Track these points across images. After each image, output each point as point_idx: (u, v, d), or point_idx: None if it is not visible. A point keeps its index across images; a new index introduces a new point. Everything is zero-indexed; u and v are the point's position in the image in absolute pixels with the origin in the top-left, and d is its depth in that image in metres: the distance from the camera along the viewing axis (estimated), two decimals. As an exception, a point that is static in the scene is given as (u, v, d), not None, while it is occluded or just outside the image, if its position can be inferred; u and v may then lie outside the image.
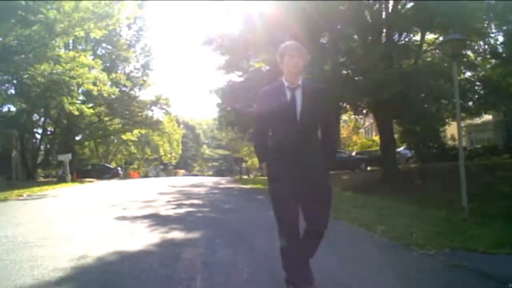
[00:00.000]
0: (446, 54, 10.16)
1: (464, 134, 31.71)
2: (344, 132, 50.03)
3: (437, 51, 17.37)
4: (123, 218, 7.66)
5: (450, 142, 26.53)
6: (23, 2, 16.71)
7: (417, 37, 18.38)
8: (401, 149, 28.19)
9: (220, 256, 4.85)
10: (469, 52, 17.89)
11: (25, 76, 18.19)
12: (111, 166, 43.70)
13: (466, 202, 9.67)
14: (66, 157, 25.69)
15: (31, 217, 8.42)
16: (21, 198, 12.72)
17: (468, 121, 27.70)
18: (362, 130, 55.14)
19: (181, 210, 9.01)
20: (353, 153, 33.79)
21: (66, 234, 6.16)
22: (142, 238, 5.73)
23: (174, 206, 9.74)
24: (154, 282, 3.76)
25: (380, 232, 6.57)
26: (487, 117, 27.10)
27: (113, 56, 40.09)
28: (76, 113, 24.35)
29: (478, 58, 18.55)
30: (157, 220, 7.44)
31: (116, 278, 3.85)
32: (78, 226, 7.03)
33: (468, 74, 19.60)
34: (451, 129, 27.17)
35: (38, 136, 40.51)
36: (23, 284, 3.60)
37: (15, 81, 22.97)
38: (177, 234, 6.07)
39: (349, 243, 6.08)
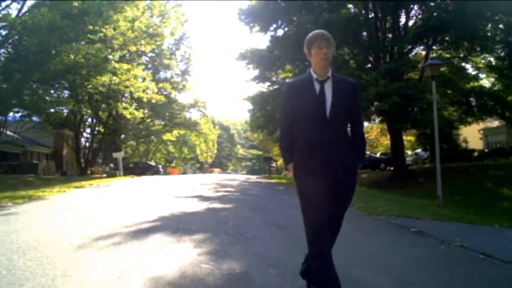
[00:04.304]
0: (427, 75, 12.76)
1: (481, 137, 33.52)
2: (372, 134, 52.12)
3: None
4: (179, 197, 10.88)
5: (463, 144, 28.58)
6: (91, 27, 20.33)
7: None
8: (418, 151, 30.43)
9: (244, 215, 7.83)
10: (468, 66, 20.36)
11: (89, 86, 21.95)
12: (153, 164, 47.32)
13: (441, 192, 12.28)
14: (120, 155, 29.49)
15: (117, 196, 11.75)
16: (93, 186, 16.11)
17: (484, 125, 29.58)
18: (390, 132, 56.69)
19: (219, 194, 12.18)
20: (378, 154, 36.15)
21: (147, 204, 9.40)
22: (194, 206, 8.84)
23: (213, 191, 12.98)
24: (206, 223, 6.78)
25: (356, 207, 9.37)
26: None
27: (156, 63, 44.02)
28: (129, 116, 28.09)
29: (476, 71, 20.90)
30: (202, 198, 10.59)
31: (184, 221, 6.89)
32: (151, 201, 10.26)
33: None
34: (465, 133, 29.17)
35: (88, 136, 44.72)
36: (131, 222, 6.68)
37: (66, 85, 26.97)
38: (216, 205, 9.14)
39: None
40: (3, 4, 22.37)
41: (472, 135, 31.19)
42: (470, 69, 20.94)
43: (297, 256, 4.59)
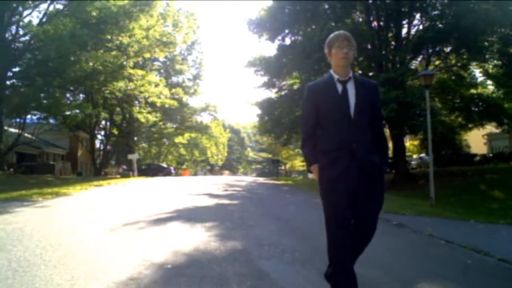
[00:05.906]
0: (421, 84, 13.74)
1: (485, 142, 34.21)
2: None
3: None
4: (192, 194, 12.07)
5: (466, 149, 29.36)
6: (109, 36, 21.67)
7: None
8: (422, 155, 31.25)
9: (248, 209, 8.90)
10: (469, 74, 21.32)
11: (107, 91, 23.30)
12: (165, 166, 48.54)
13: (433, 194, 13.13)
14: (134, 156, 30.88)
15: (134, 193, 12.92)
16: (111, 185, 17.29)
17: (489, 130, 30.28)
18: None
19: (227, 192, 13.33)
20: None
21: (163, 200, 10.56)
22: (205, 201, 9.98)
23: (222, 190, 14.16)
24: (215, 214, 7.86)
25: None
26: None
27: (168, 68, 45.41)
28: (143, 120, 29.47)
29: (476, 79, 21.83)
30: (212, 195, 11.74)
31: (196, 212, 7.97)
32: (167, 197, 11.41)
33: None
34: (470, 138, 29.93)
35: (103, 138, 46.12)
36: (151, 213, 7.78)
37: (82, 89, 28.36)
38: (224, 201, 10.24)
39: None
40: (25, 12, 23.77)
41: (476, 140, 31.90)
42: (474, 74, 21.81)
43: (289, 239, 5.71)
